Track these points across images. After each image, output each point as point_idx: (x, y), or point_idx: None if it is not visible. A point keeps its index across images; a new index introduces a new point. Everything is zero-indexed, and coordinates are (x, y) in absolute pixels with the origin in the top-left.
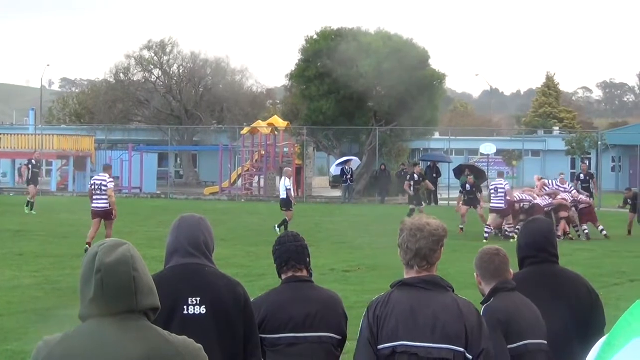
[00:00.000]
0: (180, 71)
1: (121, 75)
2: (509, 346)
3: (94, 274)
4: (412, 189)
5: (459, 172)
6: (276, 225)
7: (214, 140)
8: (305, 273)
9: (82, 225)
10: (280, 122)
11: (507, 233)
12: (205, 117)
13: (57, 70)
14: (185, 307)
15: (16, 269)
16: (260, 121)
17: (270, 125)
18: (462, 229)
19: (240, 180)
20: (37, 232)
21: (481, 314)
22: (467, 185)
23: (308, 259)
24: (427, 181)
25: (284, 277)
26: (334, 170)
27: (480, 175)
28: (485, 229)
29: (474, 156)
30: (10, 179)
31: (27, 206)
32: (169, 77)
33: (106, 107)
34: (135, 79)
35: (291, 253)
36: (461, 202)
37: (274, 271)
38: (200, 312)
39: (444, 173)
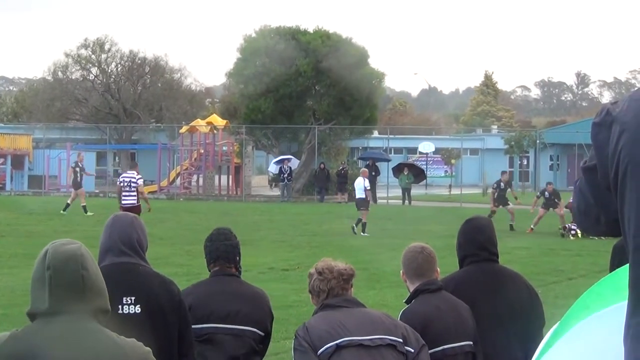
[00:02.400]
0: (119, 69)
1: (59, 73)
2: None
3: (44, 271)
4: (496, 195)
5: (397, 170)
6: (353, 225)
7: (153, 138)
8: (234, 270)
9: (20, 224)
10: (219, 121)
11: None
12: (143, 116)
13: None
14: (120, 306)
15: None
16: (199, 120)
17: (209, 123)
18: (532, 229)
19: (178, 179)
20: None
21: (399, 316)
22: (546, 193)
23: (238, 258)
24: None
25: (211, 270)
26: (272, 168)
27: (418, 174)
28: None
29: (413, 155)
30: None
31: (84, 212)
32: (107, 76)
33: (44, 106)
34: (73, 77)
35: (220, 252)
36: (536, 205)
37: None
38: (135, 311)
39: (383, 172)
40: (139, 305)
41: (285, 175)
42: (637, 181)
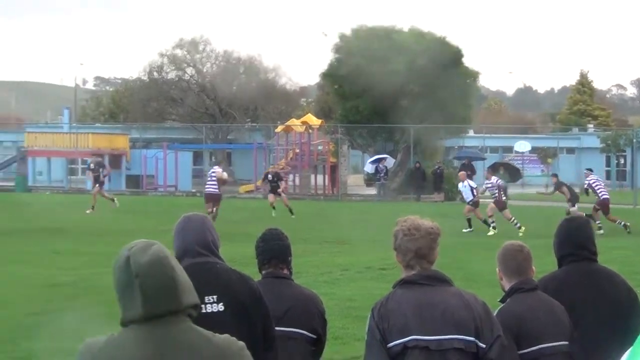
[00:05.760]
0: (214, 69)
1: (155, 73)
2: (522, 351)
3: (132, 278)
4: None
5: (493, 169)
6: (490, 228)
7: (248, 138)
8: (286, 271)
9: (117, 223)
10: (314, 120)
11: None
12: (239, 116)
13: (91, 69)
14: (202, 305)
15: (52, 267)
16: (294, 119)
17: (304, 123)
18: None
19: None
20: (72, 230)
21: (495, 315)
22: None
23: (290, 258)
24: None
25: (263, 272)
26: (368, 168)
27: (514, 173)
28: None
29: (509, 154)
30: (46, 177)
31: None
32: (203, 76)
33: (140, 106)
34: (168, 78)
35: (274, 252)
36: None
37: (310, 270)
38: (218, 310)
39: (479, 171)
40: (221, 303)
41: (381, 174)
42: None
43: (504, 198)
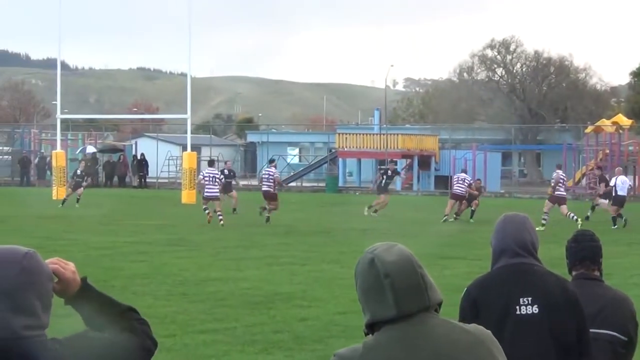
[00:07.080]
0: (523, 70)
1: (465, 74)
2: None
3: (381, 279)
4: None
5: None
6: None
7: (558, 139)
8: (597, 272)
9: (427, 224)
10: (624, 121)
11: None
12: (548, 116)
13: (401, 70)
14: (517, 307)
15: None
16: (604, 119)
17: (614, 123)
18: None
19: (584, 179)
20: (383, 230)
21: None
22: None
23: (601, 259)
24: None
25: (574, 273)
26: None
27: None
28: None
29: None
30: (356, 178)
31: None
32: (512, 76)
33: (450, 106)
34: (478, 78)
35: (587, 252)
36: None
37: (619, 271)
38: (532, 312)
39: None
40: (536, 306)
41: None
42: None
43: None
